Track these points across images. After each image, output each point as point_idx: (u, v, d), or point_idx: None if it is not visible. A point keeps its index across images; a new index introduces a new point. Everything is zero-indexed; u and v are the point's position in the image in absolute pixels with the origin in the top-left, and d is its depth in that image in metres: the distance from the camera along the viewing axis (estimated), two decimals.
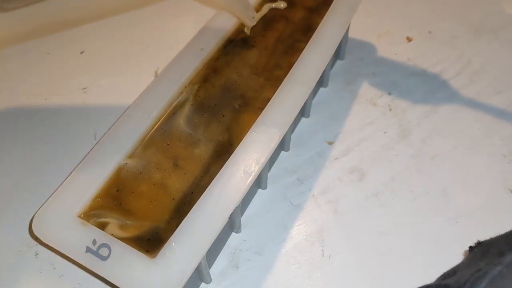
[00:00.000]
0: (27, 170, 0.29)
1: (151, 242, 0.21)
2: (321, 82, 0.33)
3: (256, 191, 0.28)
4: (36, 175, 0.29)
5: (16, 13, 0.36)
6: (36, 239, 0.26)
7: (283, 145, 0.29)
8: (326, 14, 0.29)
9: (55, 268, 0.25)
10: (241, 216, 0.26)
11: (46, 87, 0.34)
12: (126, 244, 0.20)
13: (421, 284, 0.24)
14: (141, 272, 0.19)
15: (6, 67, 0.36)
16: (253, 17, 0.29)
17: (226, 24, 0.30)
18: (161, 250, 0.20)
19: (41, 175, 0.29)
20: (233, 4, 0.28)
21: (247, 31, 0.29)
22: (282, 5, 0.31)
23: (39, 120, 0.32)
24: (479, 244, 0.22)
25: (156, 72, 0.34)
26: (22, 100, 0.34)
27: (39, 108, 0.33)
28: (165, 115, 0.25)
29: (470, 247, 0.22)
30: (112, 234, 0.21)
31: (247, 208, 0.27)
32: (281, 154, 0.30)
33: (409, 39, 0.36)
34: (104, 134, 0.24)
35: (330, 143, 0.30)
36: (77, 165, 0.23)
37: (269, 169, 0.28)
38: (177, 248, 0.20)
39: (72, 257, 0.20)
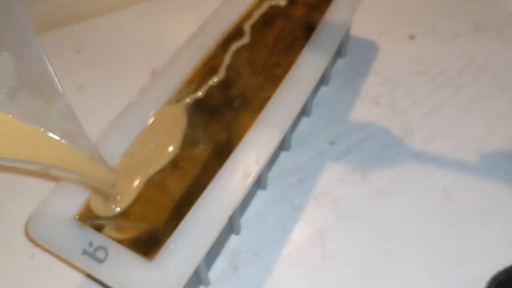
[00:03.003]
0: (23, 171, 0.29)
1: (148, 244, 0.20)
2: (322, 80, 0.32)
3: (256, 191, 0.27)
4: (32, 176, 0.29)
5: None
6: (32, 241, 0.26)
7: (283, 145, 0.29)
8: (327, 11, 0.29)
9: (51, 270, 0.25)
10: (241, 217, 0.26)
11: None
12: (123, 247, 0.20)
13: (423, 285, 0.23)
14: (139, 274, 0.19)
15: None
16: (114, 186, 0.20)
17: (225, 22, 0.29)
18: (159, 253, 0.20)
19: (37, 176, 0.29)
20: (83, 179, 0.18)
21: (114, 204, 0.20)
22: (282, 2, 0.31)
23: None
24: (505, 284, 0.20)
25: (153, 71, 0.34)
26: None
27: None
28: None
29: (496, 286, 0.21)
30: (109, 236, 0.20)
31: (247, 209, 0.27)
32: (281, 154, 0.29)
33: (412, 37, 0.36)
34: (101, 133, 0.24)
35: (331, 143, 0.30)
36: None
37: (269, 170, 0.28)
38: (175, 250, 0.20)
39: (69, 260, 0.20)
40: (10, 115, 0.15)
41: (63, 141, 0.17)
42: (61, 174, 0.18)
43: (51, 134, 0.16)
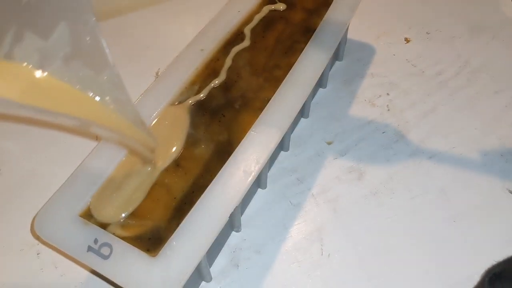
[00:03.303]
0: (29, 169, 0.30)
1: (152, 241, 0.21)
2: (320, 82, 0.33)
3: (256, 190, 0.28)
4: (38, 174, 0.29)
5: None
6: (37, 238, 0.26)
7: (282, 145, 0.29)
8: (325, 15, 0.29)
9: (56, 267, 0.25)
10: (241, 215, 0.26)
11: None
12: (127, 243, 0.20)
13: (419, 283, 0.24)
14: (142, 270, 0.19)
15: None
16: (154, 150, 0.22)
17: (226, 25, 0.30)
18: (162, 249, 0.20)
19: (43, 174, 0.29)
20: (125, 141, 0.20)
21: (151, 167, 0.22)
22: (282, 6, 0.31)
23: (41, 120, 0.32)
24: (500, 277, 0.20)
25: (157, 73, 0.35)
26: None
27: None
28: None
29: (490, 278, 0.21)
30: (113, 233, 0.21)
31: (247, 208, 0.27)
32: (280, 154, 0.30)
33: (407, 40, 0.37)
34: None
35: (329, 143, 0.30)
36: (79, 165, 0.23)
37: (269, 169, 0.29)
38: (177, 247, 0.20)
39: (74, 256, 0.20)
40: (64, 80, 0.17)
41: (111, 106, 0.18)
42: (106, 134, 0.19)
43: (99, 99, 0.18)
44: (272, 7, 0.31)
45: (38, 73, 0.17)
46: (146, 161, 0.22)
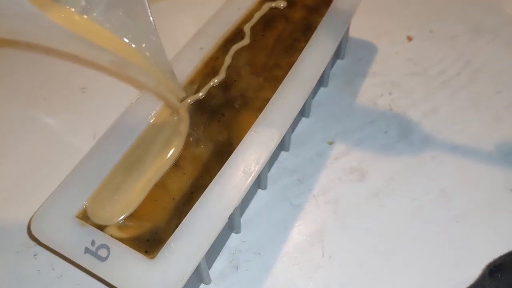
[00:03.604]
0: (26, 170, 0.29)
1: (150, 243, 0.21)
2: (321, 81, 0.32)
3: (256, 191, 0.28)
4: (35, 175, 0.29)
5: None
6: (34, 239, 0.26)
7: (283, 145, 0.29)
8: (326, 13, 0.29)
9: (53, 269, 0.25)
10: (241, 216, 0.26)
11: (45, 87, 0.34)
12: (125, 245, 0.20)
13: (422, 285, 0.24)
14: (140, 273, 0.19)
15: (4, 66, 0.35)
16: (181, 100, 0.23)
17: (226, 23, 0.29)
18: (160, 251, 0.20)
19: (40, 175, 0.29)
20: (156, 86, 0.22)
21: (176, 116, 0.23)
22: (282, 4, 0.31)
23: (37, 120, 0.32)
24: (500, 268, 0.21)
25: None
26: (20, 99, 0.33)
27: (37, 108, 0.33)
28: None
29: (491, 270, 0.21)
30: (111, 235, 0.21)
31: (247, 209, 0.27)
32: (281, 154, 0.29)
33: (409, 39, 0.36)
34: (103, 134, 0.24)
35: (330, 143, 0.30)
36: (76, 165, 0.23)
37: (269, 169, 0.28)
38: (176, 248, 0.20)
39: (71, 258, 0.20)
40: (106, 26, 0.19)
41: (146, 52, 0.20)
42: (140, 76, 0.21)
43: (135, 46, 0.20)
44: (273, 4, 0.31)
45: (82, 18, 0.18)
46: (174, 109, 0.24)
